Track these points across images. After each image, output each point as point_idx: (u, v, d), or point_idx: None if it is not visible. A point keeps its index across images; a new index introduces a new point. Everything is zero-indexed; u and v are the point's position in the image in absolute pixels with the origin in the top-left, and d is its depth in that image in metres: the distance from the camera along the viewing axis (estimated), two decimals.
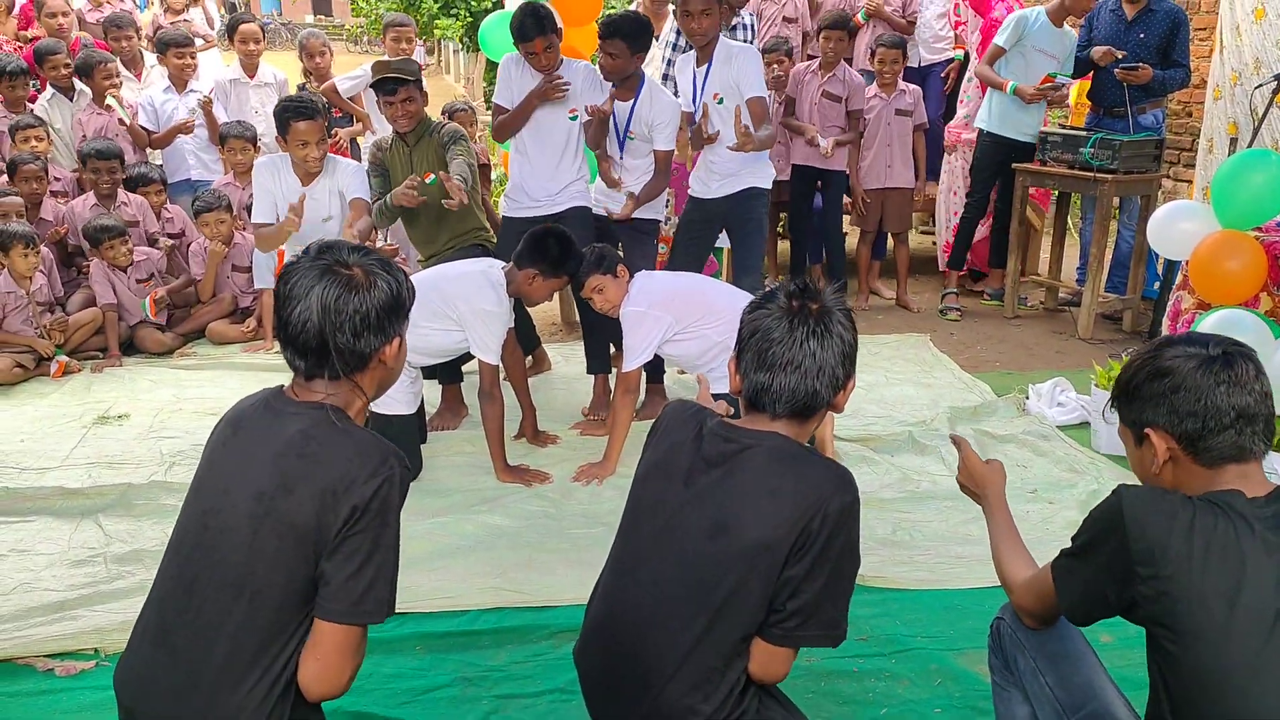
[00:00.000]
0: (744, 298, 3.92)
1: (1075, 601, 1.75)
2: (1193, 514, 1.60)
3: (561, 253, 3.73)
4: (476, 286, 3.72)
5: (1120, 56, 5.52)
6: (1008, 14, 5.94)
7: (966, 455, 2.15)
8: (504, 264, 3.84)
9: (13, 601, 2.96)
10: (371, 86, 4.38)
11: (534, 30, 4.17)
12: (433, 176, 4.23)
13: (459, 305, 3.67)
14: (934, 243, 7.02)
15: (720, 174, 4.42)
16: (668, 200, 4.97)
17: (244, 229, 5.60)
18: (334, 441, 1.70)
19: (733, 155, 4.27)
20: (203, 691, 1.67)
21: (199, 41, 7.19)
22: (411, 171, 4.36)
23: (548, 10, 4.27)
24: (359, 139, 6.41)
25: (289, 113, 4.28)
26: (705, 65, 4.33)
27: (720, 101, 4.29)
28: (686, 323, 3.76)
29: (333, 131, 5.70)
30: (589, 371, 4.51)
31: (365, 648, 1.74)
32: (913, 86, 6.17)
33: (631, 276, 3.86)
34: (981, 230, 6.25)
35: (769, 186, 4.49)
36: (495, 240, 4.61)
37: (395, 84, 4.30)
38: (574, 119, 4.35)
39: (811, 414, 1.85)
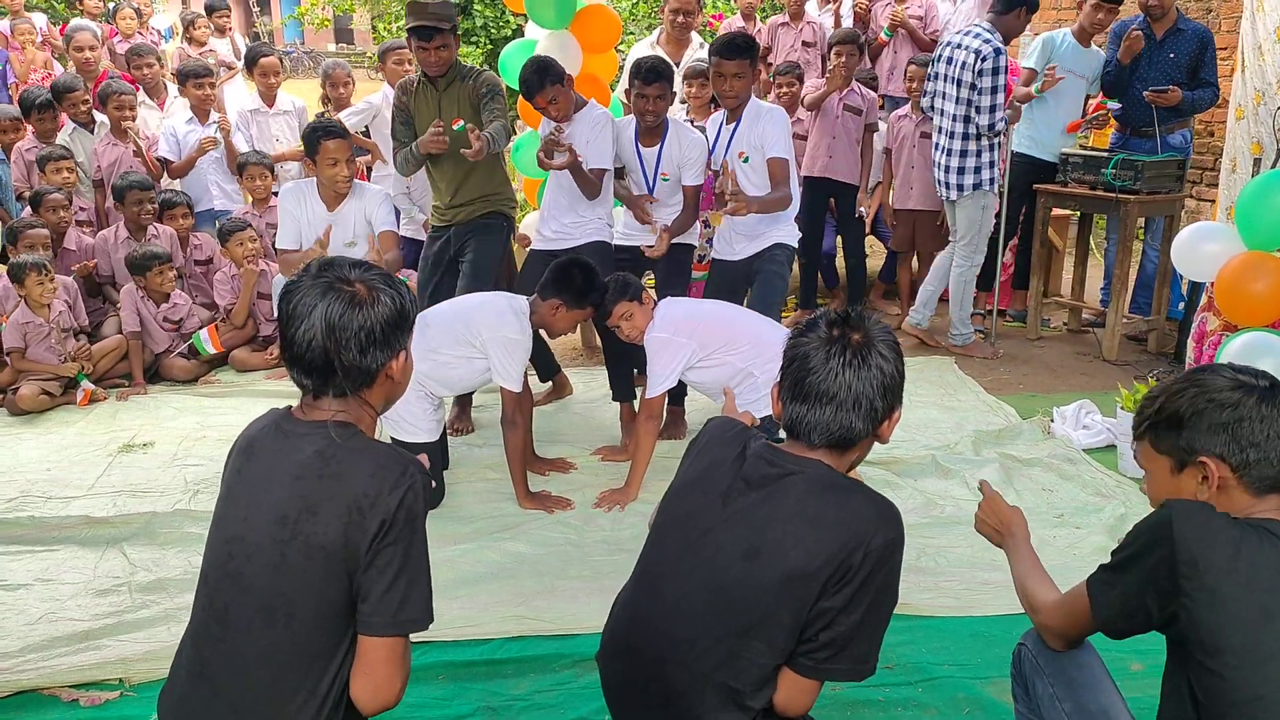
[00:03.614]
0: (769, 325, 3.93)
1: (1114, 614, 1.75)
2: (1240, 534, 1.62)
3: (585, 284, 3.75)
4: (499, 314, 3.74)
5: (1139, 46, 5.52)
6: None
7: (992, 497, 2.16)
8: (529, 296, 3.86)
9: (38, 631, 2.97)
10: (407, 32, 4.43)
11: (536, 86, 4.22)
12: (461, 123, 4.25)
13: (482, 332, 3.69)
14: None
15: (745, 235, 4.39)
16: (705, 221, 4.96)
17: (264, 256, 5.66)
18: (352, 458, 1.70)
19: (757, 217, 4.24)
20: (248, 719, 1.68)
21: (222, 71, 7.29)
22: (439, 116, 4.40)
23: (548, 62, 4.29)
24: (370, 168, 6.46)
25: (319, 132, 4.31)
26: (734, 124, 4.34)
27: (745, 160, 4.29)
28: (710, 349, 3.76)
29: None
30: (614, 399, 4.51)
31: (411, 656, 1.75)
32: None
33: (656, 303, 3.87)
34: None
35: (794, 245, 4.47)
36: (515, 208, 4.72)
37: (431, 31, 4.32)
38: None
39: (850, 446, 1.82)
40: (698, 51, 5.95)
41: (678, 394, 4.47)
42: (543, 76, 4.21)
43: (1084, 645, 1.93)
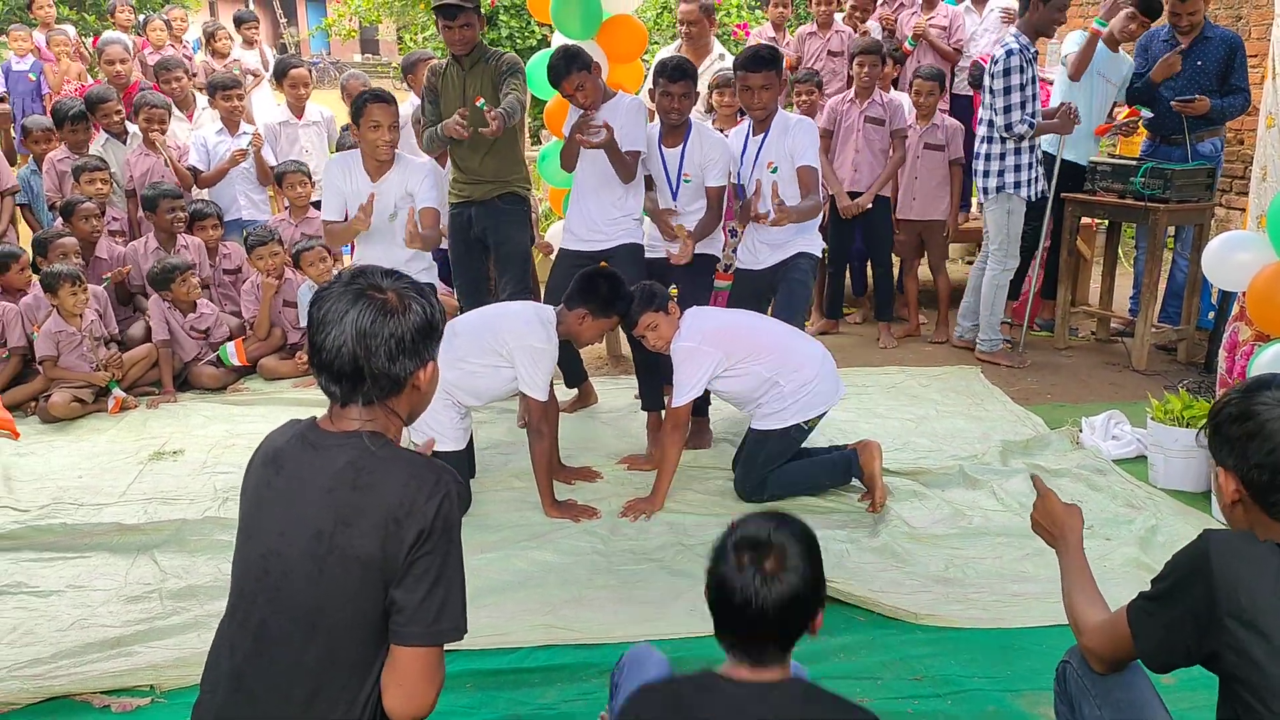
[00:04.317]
0: (795, 334, 3.92)
1: (1154, 648, 1.71)
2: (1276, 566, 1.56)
3: (611, 293, 3.76)
4: (526, 323, 3.76)
5: (1177, 68, 5.48)
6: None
7: (1047, 495, 2.09)
8: (555, 306, 3.88)
9: (70, 637, 3.00)
10: (432, 10, 4.52)
11: (563, 72, 4.20)
12: (482, 101, 4.37)
13: (509, 341, 3.70)
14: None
15: (769, 244, 4.40)
16: (733, 230, 4.96)
17: (293, 266, 5.70)
18: (385, 469, 1.70)
19: (782, 226, 4.22)
20: None
21: (249, 80, 7.36)
22: (463, 95, 4.55)
23: (575, 50, 4.29)
24: None
25: (365, 95, 4.33)
26: (761, 135, 4.34)
27: (774, 170, 4.29)
28: (736, 359, 3.76)
29: None
30: (643, 408, 4.52)
31: (445, 666, 1.74)
32: (951, 121, 6.12)
33: (682, 313, 3.88)
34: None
35: (818, 255, 4.47)
36: (530, 188, 4.89)
37: (455, 10, 4.41)
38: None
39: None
40: (718, 62, 5.96)
41: (701, 405, 4.46)
42: (570, 63, 4.20)
43: (1132, 665, 1.88)
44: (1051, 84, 5.95)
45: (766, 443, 3.85)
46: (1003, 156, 5.42)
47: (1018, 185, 5.42)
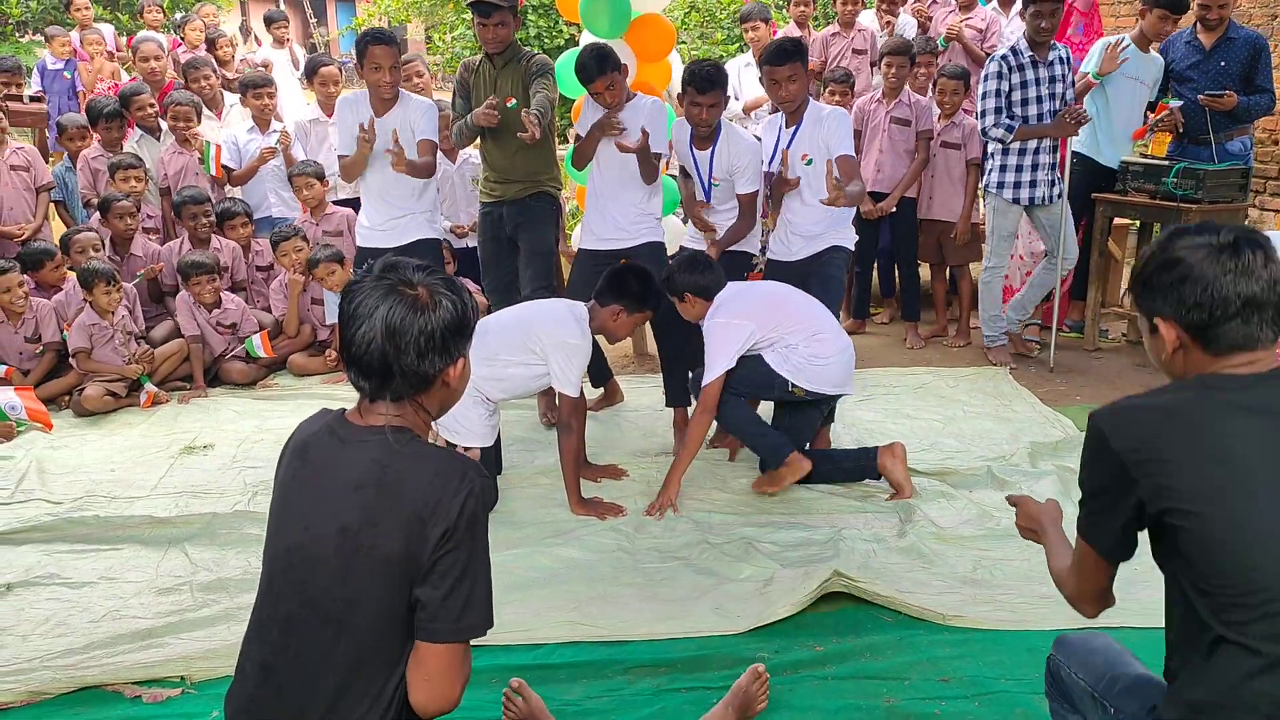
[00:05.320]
0: (828, 316, 3.96)
1: (1114, 544, 1.76)
2: (1168, 402, 1.66)
3: (642, 289, 3.79)
4: (559, 320, 3.78)
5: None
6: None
7: (1022, 502, 2.16)
8: (587, 303, 3.90)
9: (103, 628, 3.04)
10: (469, 6, 4.56)
11: (594, 72, 4.27)
12: (514, 101, 4.41)
13: (542, 338, 3.72)
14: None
15: (803, 235, 4.40)
16: (765, 230, 4.95)
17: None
18: (411, 467, 1.69)
19: (816, 217, 4.28)
20: None
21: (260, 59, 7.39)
22: (495, 94, 4.60)
23: (608, 50, 4.36)
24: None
25: (367, 38, 4.47)
26: (794, 127, 4.34)
27: (809, 163, 4.28)
28: (766, 330, 3.79)
29: None
30: (668, 404, 4.52)
31: (471, 661, 1.74)
32: (969, 121, 6.05)
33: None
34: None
35: (851, 248, 4.46)
36: (560, 187, 4.95)
37: (490, 8, 4.45)
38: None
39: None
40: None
41: None
42: (603, 62, 4.27)
43: (1096, 635, 2.00)
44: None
45: (751, 365, 3.85)
46: (991, 156, 5.51)
47: (1000, 186, 5.43)
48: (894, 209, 5.96)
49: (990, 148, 5.53)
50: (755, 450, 3.97)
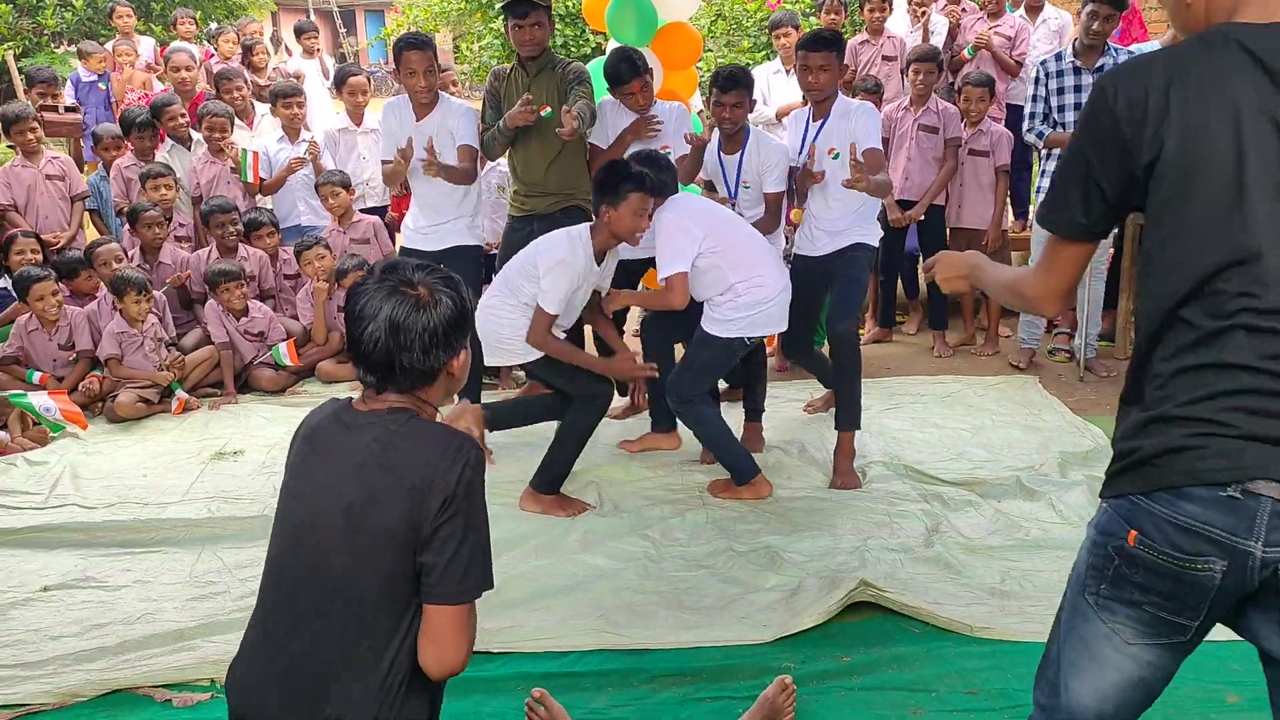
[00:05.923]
0: (770, 251, 4.07)
1: (1098, 214, 1.65)
2: (1176, 65, 1.55)
3: (614, 175, 3.77)
4: (554, 241, 3.84)
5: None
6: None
7: (938, 256, 2.08)
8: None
9: (136, 630, 3.08)
10: (502, 8, 4.54)
11: (630, 73, 4.41)
12: (549, 110, 4.35)
13: (540, 263, 3.76)
14: None
15: (828, 231, 4.38)
16: (787, 230, 4.94)
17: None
18: (409, 445, 1.79)
19: (841, 212, 4.27)
20: (326, 699, 1.75)
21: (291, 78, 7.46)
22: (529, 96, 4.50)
23: (637, 54, 4.47)
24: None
25: (402, 43, 4.45)
26: (821, 120, 4.34)
27: (835, 157, 4.28)
28: (712, 243, 3.86)
29: None
30: (654, 429, 4.56)
31: (476, 621, 1.82)
32: (997, 128, 6.02)
33: None
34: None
35: (876, 245, 4.44)
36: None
37: (526, 8, 4.39)
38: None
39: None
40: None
41: (755, 408, 4.50)
42: (635, 66, 4.40)
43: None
44: None
45: (708, 348, 3.96)
46: (1042, 176, 5.58)
47: (1038, 191, 5.42)
48: (922, 217, 5.93)
49: (1040, 182, 5.51)
50: (723, 464, 4.08)
